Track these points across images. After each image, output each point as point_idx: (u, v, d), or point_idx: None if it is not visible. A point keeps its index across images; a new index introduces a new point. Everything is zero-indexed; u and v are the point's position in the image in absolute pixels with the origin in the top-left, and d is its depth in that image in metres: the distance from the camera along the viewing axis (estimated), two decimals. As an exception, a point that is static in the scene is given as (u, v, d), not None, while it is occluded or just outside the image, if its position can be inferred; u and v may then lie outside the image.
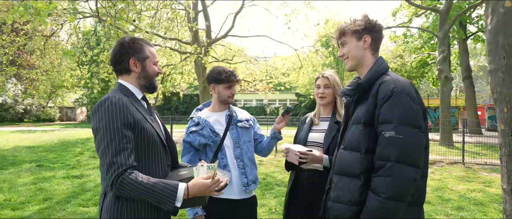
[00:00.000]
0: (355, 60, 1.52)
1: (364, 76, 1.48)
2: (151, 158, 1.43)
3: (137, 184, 1.26)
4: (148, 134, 1.41)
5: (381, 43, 1.55)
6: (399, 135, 1.28)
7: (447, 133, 11.58)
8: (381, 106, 1.35)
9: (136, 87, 1.52)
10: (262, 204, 4.59)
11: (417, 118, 1.32)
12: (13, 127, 20.62)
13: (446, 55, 11.85)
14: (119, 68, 1.51)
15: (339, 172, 1.47)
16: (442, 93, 12.02)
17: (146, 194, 1.28)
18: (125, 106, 1.35)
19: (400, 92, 1.33)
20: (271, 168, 7.39)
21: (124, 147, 1.30)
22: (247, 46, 21.35)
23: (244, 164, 2.03)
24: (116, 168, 1.26)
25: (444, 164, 7.99)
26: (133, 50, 1.49)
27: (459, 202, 4.84)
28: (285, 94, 30.38)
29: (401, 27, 17.65)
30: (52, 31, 10.34)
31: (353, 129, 1.45)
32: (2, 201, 4.60)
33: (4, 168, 6.97)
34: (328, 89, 2.05)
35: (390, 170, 1.27)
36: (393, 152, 1.28)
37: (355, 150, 1.41)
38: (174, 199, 1.30)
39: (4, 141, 12.19)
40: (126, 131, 1.33)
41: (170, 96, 28.91)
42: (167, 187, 1.30)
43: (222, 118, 2.09)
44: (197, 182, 1.35)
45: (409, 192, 1.30)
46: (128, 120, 1.34)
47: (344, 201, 1.40)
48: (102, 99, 1.36)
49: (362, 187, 1.36)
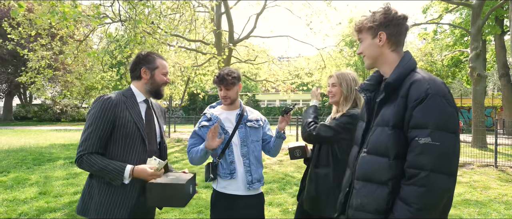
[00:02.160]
0: (371, 58, 1.42)
1: (391, 74, 1.35)
2: (127, 149, 1.71)
3: (93, 163, 1.61)
4: (126, 131, 1.69)
5: (404, 37, 1.40)
6: (436, 142, 1.18)
7: (480, 134, 10.93)
8: (413, 109, 1.23)
9: (141, 91, 1.82)
10: (279, 203, 4.61)
11: (453, 122, 1.22)
12: (51, 126, 22.06)
13: (479, 52, 11.18)
14: (133, 75, 1.84)
15: (362, 178, 1.35)
16: (474, 92, 11.37)
17: (100, 172, 1.62)
18: (110, 105, 1.66)
19: (436, 94, 1.21)
20: (290, 168, 7.38)
21: (94, 135, 1.62)
22: (269, 47, 21.34)
23: (250, 163, 2.08)
24: (82, 149, 1.62)
25: (474, 167, 7.56)
26: (146, 61, 1.81)
27: (489, 206, 4.58)
28: (308, 94, 30.09)
29: (431, 24, 16.89)
30: (84, 36, 10.98)
31: (378, 132, 1.32)
32: (37, 194, 4.98)
33: (41, 164, 7.52)
34: (334, 88, 2.06)
35: (424, 180, 1.17)
36: (428, 160, 1.17)
37: (381, 155, 1.29)
38: (122, 177, 1.62)
39: (42, 139, 13.10)
40: (103, 124, 1.64)
41: (195, 97, 29.59)
42: (117, 167, 1.62)
43: (232, 116, 2.15)
44: (142, 168, 1.66)
45: (442, 203, 1.21)
46: (107, 115, 1.65)
47: (370, 210, 1.30)
48: (97, 97, 1.71)
49: (390, 194, 1.26)
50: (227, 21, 11.96)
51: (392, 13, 1.36)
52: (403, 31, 1.38)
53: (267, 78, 16.11)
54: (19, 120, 27.63)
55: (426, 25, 17.40)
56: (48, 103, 28.51)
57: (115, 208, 1.65)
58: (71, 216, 4.03)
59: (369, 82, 1.48)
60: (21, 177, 6.08)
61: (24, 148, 10.26)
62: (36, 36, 9.84)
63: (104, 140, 1.66)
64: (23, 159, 8.05)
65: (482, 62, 11.61)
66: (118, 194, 1.67)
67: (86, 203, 1.67)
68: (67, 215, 4.06)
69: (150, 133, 1.79)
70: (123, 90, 1.80)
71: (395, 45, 1.38)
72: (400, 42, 1.39)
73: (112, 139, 1.68)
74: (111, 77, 12.63)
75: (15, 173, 6.41)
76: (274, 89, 16.48)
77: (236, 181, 2.05)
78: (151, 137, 1.80)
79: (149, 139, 1.77)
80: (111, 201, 1.65)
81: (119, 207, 1.66)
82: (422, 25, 17.03)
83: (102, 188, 1.66)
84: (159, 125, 1.91)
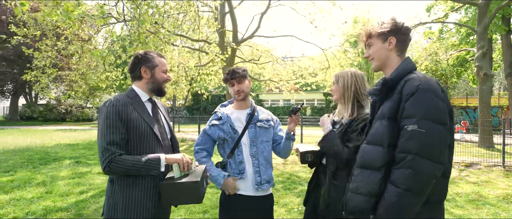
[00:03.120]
0: (380, 60, 1.57)
1: (391, 74, 1.52)
2: (144, 150, 1.69)
3: (124, 162, 1.57)
4: (140, 131, 1.67)
5: (407, 46, 1.58)
6: (422, 129, 1.29)
7: (486, 133, 10.82)
8: (405, 101, 1.37)
9: (144, 91, 1.82)
10: (285, 203, 4.59)
11: (441, 114, 1.33)
12: (57, 126, 22.22)
13: (486, 51, 11.06)
14: (133, 75, 1.83)
15: (360, 165, 1.50)
16: (481, 92, 11.26)
17: (134, 167, 1.59)
18: (120, 107, 1.65)
19: (427, 89, 1.34)
20: (295, 168, 7.35)
21: (116, 137, 1.59)
22: (273, 47, 21.32)
23: (259, 163, 2.06)
24: (108, 155, 1.57)
25: (481, 167, 7.48)
26: (144, 60, 1.80)
27: (498, 206, 4.52)
28: (312, 94, 29.99)
29: (436, 23, 16.74)
30: (89, 36, 11.03)
31: (377, 125, 1.47)
32: (44, 193, 5.00)
33: (47, 163, 7.56)
34: (334, 86, 2.04)
35: (410, 163, 1.28)
36: (414, 145, 1.29)
37: (378, 144, 1.43)
38: (160, 163, 1.62)
39: (48, 138, 13.19)
40: (121, 125, 1.62)
41: (199, 97, 29.64)
42: (151, 158, 1.63)
43: (243, 115, 2.15)
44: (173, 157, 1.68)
45: (428, 187, 1.30)
46: (122, 117, 1.63)
47: (363, 193, 1.43)
48: (104, 102, 1.69)
49: (382, 179, 1.38)
50: (231, 20, 11.94)
51: (400, 23, 1.56)
52: (408, 40, 1.57)
53: (271, 78, 16.08)
54: (24, 120, 27.86)
55: (431, 24, 17.22)
56: (53, 104, 28.72)
57: (140, 210, 1.65)
58: (78, 215, 4.04)
59: (376, 87, 1.60)
60: (27, 176, 6.12)
61: (30, 147, 10.33)
62: (42, 36, 9.91)
63: (125, 141, 1.63)
64: (29, 159, 8.11)
65: (489, 62, 11.46)
66: (142, 195, 1.66)
67: (111, 208, 1.66)
68: (74, 214, 4.07)
69: (161, 130, 1.80)
70: (126, 92, 1.79)
71: (400, 50, 1.55)
72: (405, 49, 1.57)
73: (128, 143, 1.66)
74: (116, 77, 12.67)
75: (21, 173, 6.45)
76: (277, 89, 16.45)
77: (245, 181, 2.04)
78: (163, 133, 1.81)
79: (161, 136, 1.78)
80: (136, 203, 1.65)
81: (144, 203, 1.66)
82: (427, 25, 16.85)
83: (125, 191, 1.65)
84: (167, 121, 1.92)
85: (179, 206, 4.37)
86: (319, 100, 30.78)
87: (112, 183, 1.68)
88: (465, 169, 7.34)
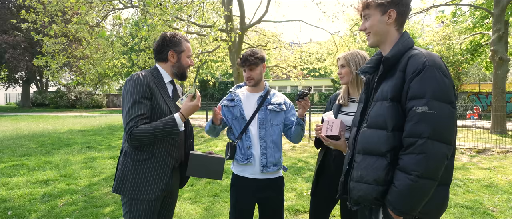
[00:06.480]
0: (378, 35, 1.43)
1: (390, 50, 1.39)
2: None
3: (142, 131, 1.57)
4: (161, 109, 1.68)
5: (407, 18, 1.44)
6: (432, 111, 1.20)
7: (499, 119, 10.61)
8: (411, 80, 1.26)
9: (168, 73, 1.82)
10: (293, 188, 4.62)
11: (450, 92, 1.25)
12: (67, 113, 22.61)
13: (502, 34, 10.70)
14: (159, 57, 1.82)
15: (363, 151, 1.39)
16: (495, 76, 10.96)
17: (153, 134, 1.59)
18: (145, 81, 1.64)
19: (432, 65, 1.25)
20: (304, 154, 7.36)
21: (139, 112, 1.59)
22: (281, 32, 20.96)
23: (267, 146, 2.06)
24: (131, 126, 1.58)
25: (494, 153, 7.37)
26: (173, 43, 1.79)
27: (510, 193, 4.46)
28: (320, 81, 29.72)
29: (450, 5, 16.18)
30: (97, 22, 11.02)
31: (377, 106, 1.36)
32: (58, 176, 5.13)
33: (60, 148, 7.73)
34: (344, 69, 1.98)
35: (422, 147, 1.19)
36: (425, 128, 1.20)
37: (380, 128, 1.32)
38: (176, 126, 1.62)
39: (60, 125, 13.45)
40: (143, 100, 1.62)
41: (205, 84, 29.67)
42: (167, 121, 1.62)
43: (255, 98, 2.16)
44: (185, 106, 1.67)
45: (441, 170, 1.23)
46: (146, 92, 1.63)
47: (369, 181, 1.33)
48: (131, 75, 1.68)
49: (388, 165, 1.29)
50: (239, 5, 11.76)
51: None
52: (408, 12, 1.43)
53: (278, 64, 15.92)
54: (36, 107, 28.41)
55: (444, 6, 16.68)
56: (63, 91, 29.14)
57: (149, 186, 1.66)
58: (91, 197, 4.14)
59: (369, 65, 1.49)
60: (42, 160, 6.27)
61: (43, 133, 10.56)
62: (51, 23, 9.94)
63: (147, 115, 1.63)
64: (43, 144, 8.29)
65: (504, 46, 11.06)
66: (152, 176, 1.66)
67: (120, 182, 1.66)
68: (88, 197, 4.17)
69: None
70: (150, 70, 1.79)
71: (400, 24, 1.42)
72: (404, 23, 1.43)
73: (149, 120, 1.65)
74: (122, 64, 12.71)
75: (36, 157, 6.61)
76: (285, 75, 16.29)
77: (252, 165, 2.06)
78: None
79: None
80: (146, 179, 1.65)
81: (154, 183, 1.66)
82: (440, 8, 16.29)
83: (137, 166, 1.65)
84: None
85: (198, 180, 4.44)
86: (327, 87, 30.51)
87: (125, 156, 1.68)
88: (477, 155, 7.23)
